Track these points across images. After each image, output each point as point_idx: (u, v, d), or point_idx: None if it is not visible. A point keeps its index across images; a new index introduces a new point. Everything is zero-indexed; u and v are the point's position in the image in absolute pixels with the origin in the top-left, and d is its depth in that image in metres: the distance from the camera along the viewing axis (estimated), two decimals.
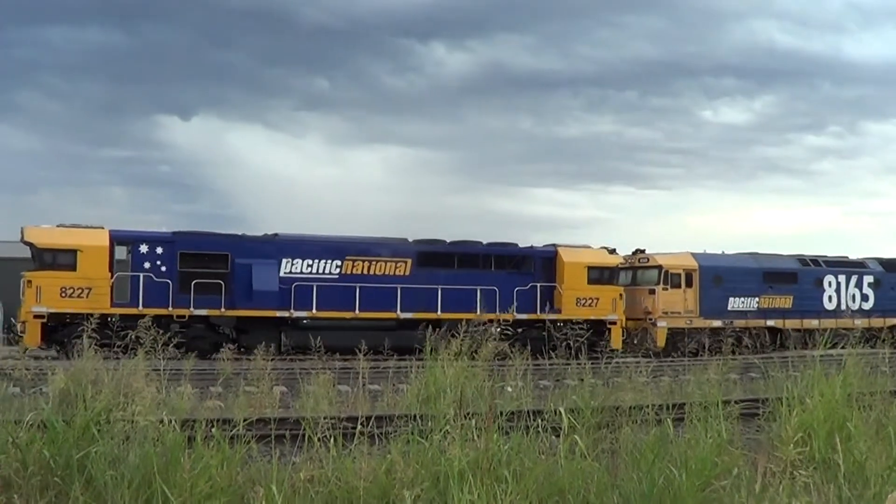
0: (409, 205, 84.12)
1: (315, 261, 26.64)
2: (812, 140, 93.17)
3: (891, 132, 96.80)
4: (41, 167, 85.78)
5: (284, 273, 26.19)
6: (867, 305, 34.42)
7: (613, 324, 28.87)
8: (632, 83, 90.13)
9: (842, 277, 34.94)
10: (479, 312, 26.28)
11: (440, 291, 27.28)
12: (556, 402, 9.46)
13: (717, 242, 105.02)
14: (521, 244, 29.92)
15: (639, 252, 32.26)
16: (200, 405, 12.24)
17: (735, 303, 32.15)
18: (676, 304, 31.02)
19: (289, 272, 26.25)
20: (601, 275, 29.44)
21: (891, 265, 36.78)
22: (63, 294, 23.73)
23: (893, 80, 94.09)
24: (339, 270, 26.84)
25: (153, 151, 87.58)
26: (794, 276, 34.05)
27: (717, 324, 30.78)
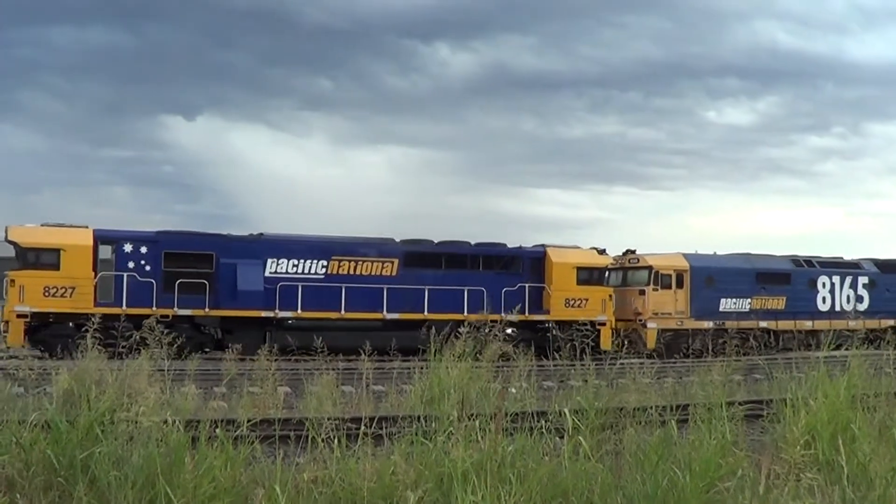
0: (412, 205, 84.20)
1: (301, 261, 26.38)
2: (815, 141, 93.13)
3: (894, 133, 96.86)
4: (43, 167, 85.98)
5: (270, 273, 25.95)
6: (862, 306, 33.77)
7: (603, 325, 28.43)
8: (635, 84, 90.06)
9: (836, 278, 34.56)
10: (467, 313, 26.34)
11: (427, 292, 27.03)
12: (560, 404, 9.46)
13: (720, 243, 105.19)
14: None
15: (629, 253, 31.97)
16: (204, 406, 12.26)
17: (727, 304, 31.73)
18: (667, 305, 30.66)
19: (274, 272, 26.01)
20: (590, 275, 29.13)
21: (886, 266, 36.40)
22: (46, 293, 23.49)
23: None
24: (325, 270, 26.60)
25: (156, 151, 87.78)
26: (788, 277, 33.64)
27: (709, 325, 30.39)
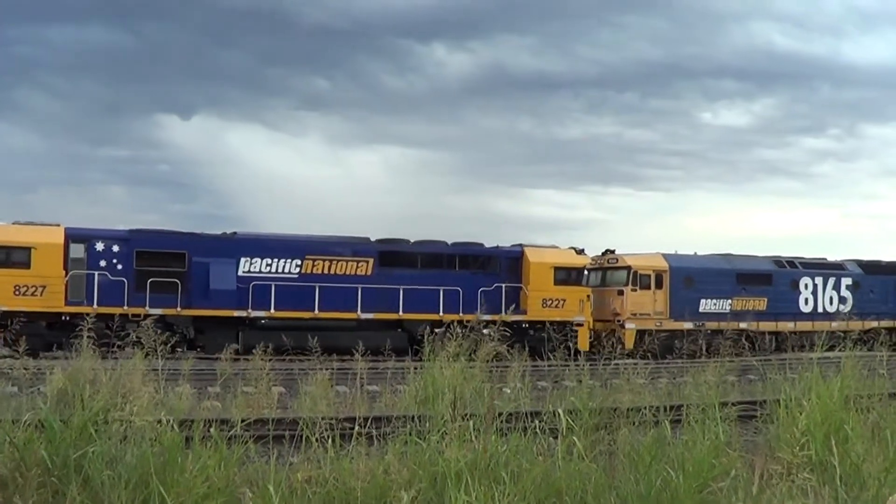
0: (410, 205, 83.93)
1: (274, 260, 26.18)
2: (811, 142, 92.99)
3: (890, 135, 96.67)
4: (40, 166, 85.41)
5: (243, 272, 25.75)
6: (845, 308, 33.17)
7: (580, 325, 28.34)
8: (632, 85, 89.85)
9: (819, 279, 34.31)
10: (442, 314, 26.28)
11: (402, 292, 26.80)
12: (555, 404, 9.47)
13: (716, 245, 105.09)
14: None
15: (608, 252, 31.85)
16: (198, 405, 12.25)
17: (707, 304, 31.57)
18: (645, 306, 30.50)
19: (247, 271, 25.81)
20: (568, 275, 28.94)
21: (870, 267, 36.15)
22: (17, 292, 23.26)
23: (893, 83, 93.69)
24: (299, 270, 26.38)
25: (152, 151, 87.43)
26: (769, 278, 33.39)
27: (689, 326, 30.12)
